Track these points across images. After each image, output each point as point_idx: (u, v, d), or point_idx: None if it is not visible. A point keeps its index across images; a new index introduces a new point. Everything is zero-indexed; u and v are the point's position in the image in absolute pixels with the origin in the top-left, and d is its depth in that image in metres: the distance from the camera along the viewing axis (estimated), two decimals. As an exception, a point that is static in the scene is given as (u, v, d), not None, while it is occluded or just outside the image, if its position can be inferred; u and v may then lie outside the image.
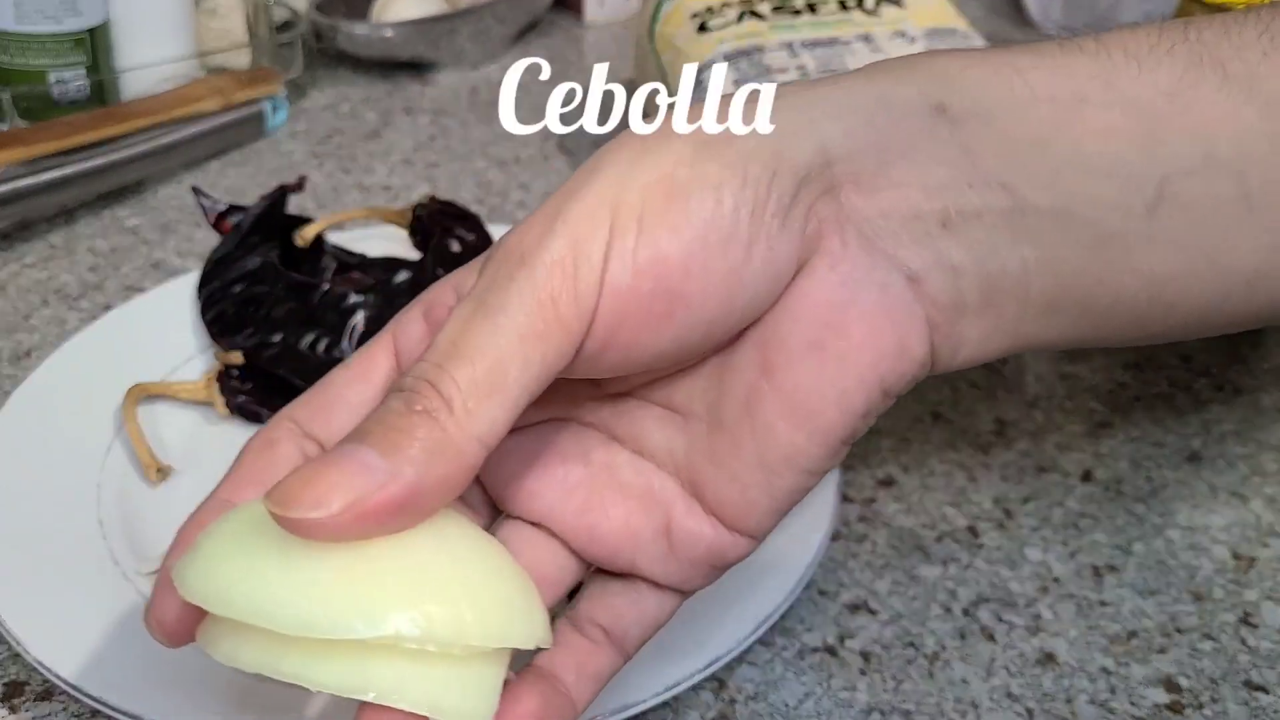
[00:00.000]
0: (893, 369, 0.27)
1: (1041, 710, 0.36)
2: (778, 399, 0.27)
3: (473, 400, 0.23)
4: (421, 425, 0.23)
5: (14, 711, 0.34)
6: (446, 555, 0.25)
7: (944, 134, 0.27)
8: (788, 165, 0.26)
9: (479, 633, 0.24)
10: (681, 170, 0.25)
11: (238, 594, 0.23)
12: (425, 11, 0.78)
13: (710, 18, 0.58)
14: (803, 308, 0.27)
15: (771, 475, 0.28)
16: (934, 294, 0.27)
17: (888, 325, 0.27)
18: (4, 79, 0.63)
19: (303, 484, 0.22)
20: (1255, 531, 0.43)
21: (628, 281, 0.25)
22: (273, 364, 0.45)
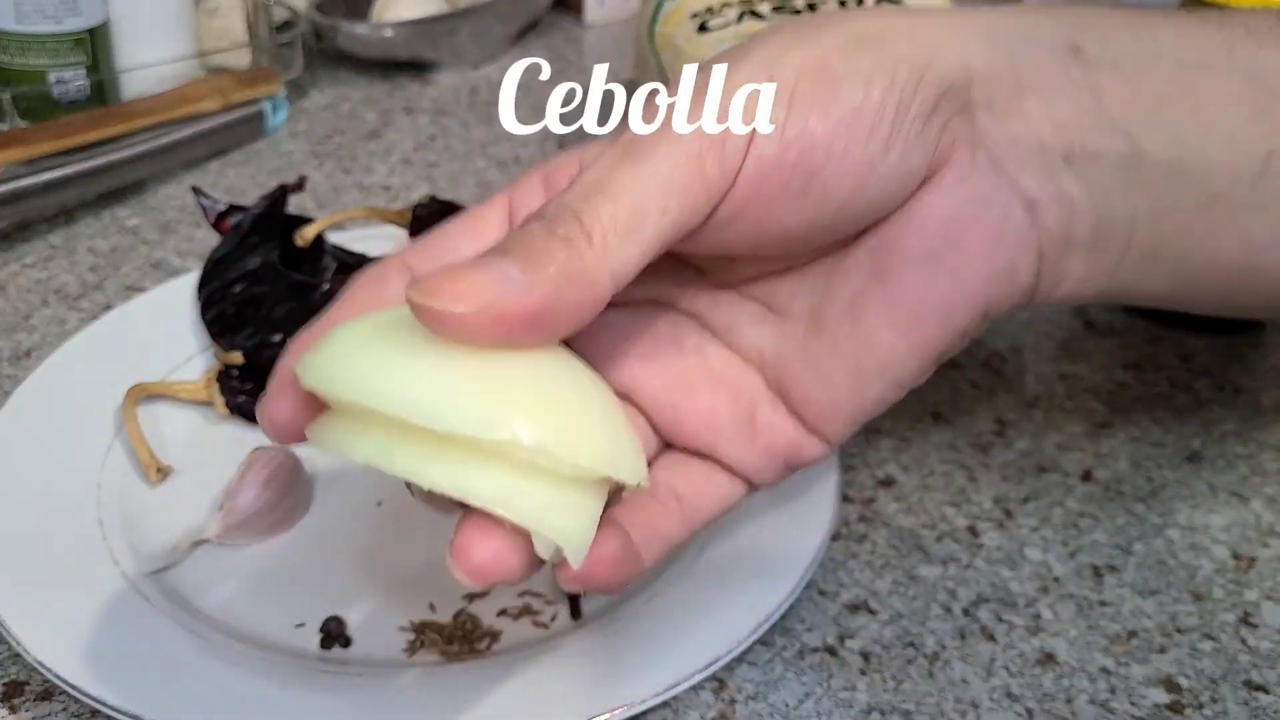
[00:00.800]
0: (998, 291, 0.28)
1: (1041, 710, 0.36)
2: (885, 305, 0.28)
3: (612, 236, 0.24)
4: (561, 249, 0.24)
5: (14, 711, 0.34)
6: (567, 383, 0.25)
7: (1076, 74, 0.28)
8: (933, 75, 0.27)
9: (589, 456, 0.24)
10: (836, 58, 0.26)
11: (364, 380, 0.24)
12: (425, 11, 0.78)
13: (710, 18, 0.58)
14: (924, 218, 0.28)
15: (863, 381, 0.29)
16: (1048, 223, 0.28)
17: (1001, 247, 0.28)
18: (4, 79, 0.63)
19: (446, 278, 0.23)
20: (1255, 531, 0.43)
21: (773, 151, 0.26)
22: (273, 364, 0.45)
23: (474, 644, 0.36)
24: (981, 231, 0.27)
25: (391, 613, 0.37)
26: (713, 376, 0.31)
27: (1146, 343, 0.53)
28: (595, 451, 0.25)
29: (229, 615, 0.37)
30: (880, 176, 0.27)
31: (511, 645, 0.36)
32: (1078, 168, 0.28)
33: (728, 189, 0.26)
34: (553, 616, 0.37)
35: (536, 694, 0.34)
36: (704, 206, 0.25)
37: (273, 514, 0.40)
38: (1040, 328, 0.54)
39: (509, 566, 0.25)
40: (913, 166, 0.27)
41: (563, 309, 0.24)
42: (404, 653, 0.36)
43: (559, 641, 0.36)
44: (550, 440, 0.24)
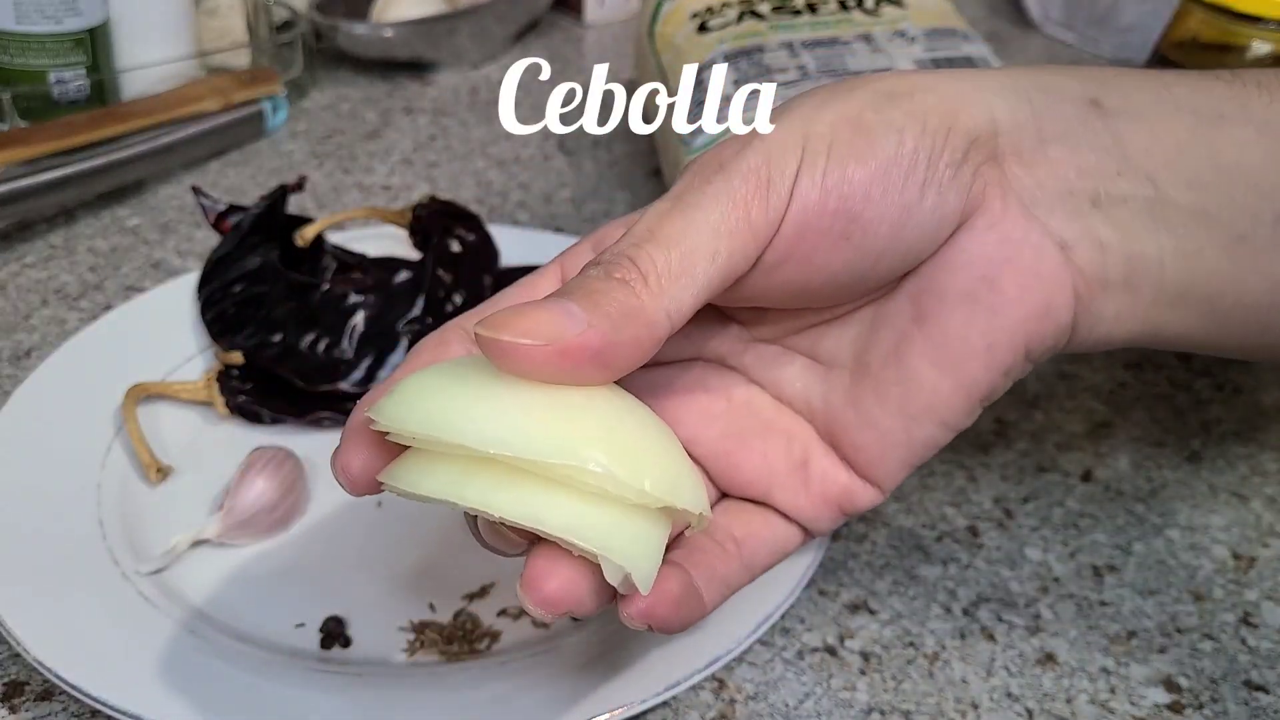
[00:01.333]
0: (1038, 329, 0.29)
1: (1041, 710, 0.36)
2: (927, 346, 0.29)
3: (666, 279, 0.26)
4: (619, 291, 0.25)
5: (14, 711, 0.34)
6: (629, 417, 0.26)
7: (1097, 125, 0.29)
8: (962, 125, 0.28)
9: (653, 483, 0.25)
10: (868, 113, 0.28)
11: (435, 415, 0.25)
12: (425, 11, 0.78)
13: (710, 18, 0.58)
14: (960, 260, 0.29)
15: (911, 424, 0.30)
16: (1081, 264, 0.29)
17: (1038, 286, 0.29)
18: (4, 79, 0.63)
19: (513, 315, 0.25)
20: (1255, 531, 0.43)
21: (815, 197, 0.27)
22: (273, 364, 0.45)
23: (474, 644, 0.36)
24: (1017, 271, 0.29)
25: (391, 613, 0.37)
26: (764, 425, 0.32)
27: (1146, 343, 0.53)
28: (659, 479, 0.25)
29: (229, 615, 0.37)
30: (917, 221, 0.28)
31: (511, 645, 0.36)
32: (1105, 211, 0.29)
33: (774, 234, 0.27)
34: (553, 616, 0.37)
35: (536, 694, 0.34)
36: (752, 251, 0.27)
37: (273, 514, 0.40)
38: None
39: (579, 596, 0.26)
40: (947, 211, 0.28)
41: (622, 346, 0.25)
42: (404, 653, 0.36)
43: (559, 641, 0.36)
44: (617, 466, 0.24)
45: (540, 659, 0.35)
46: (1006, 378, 0.30)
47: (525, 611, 0.25)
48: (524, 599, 0.26)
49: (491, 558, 0.39)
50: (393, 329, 0.46)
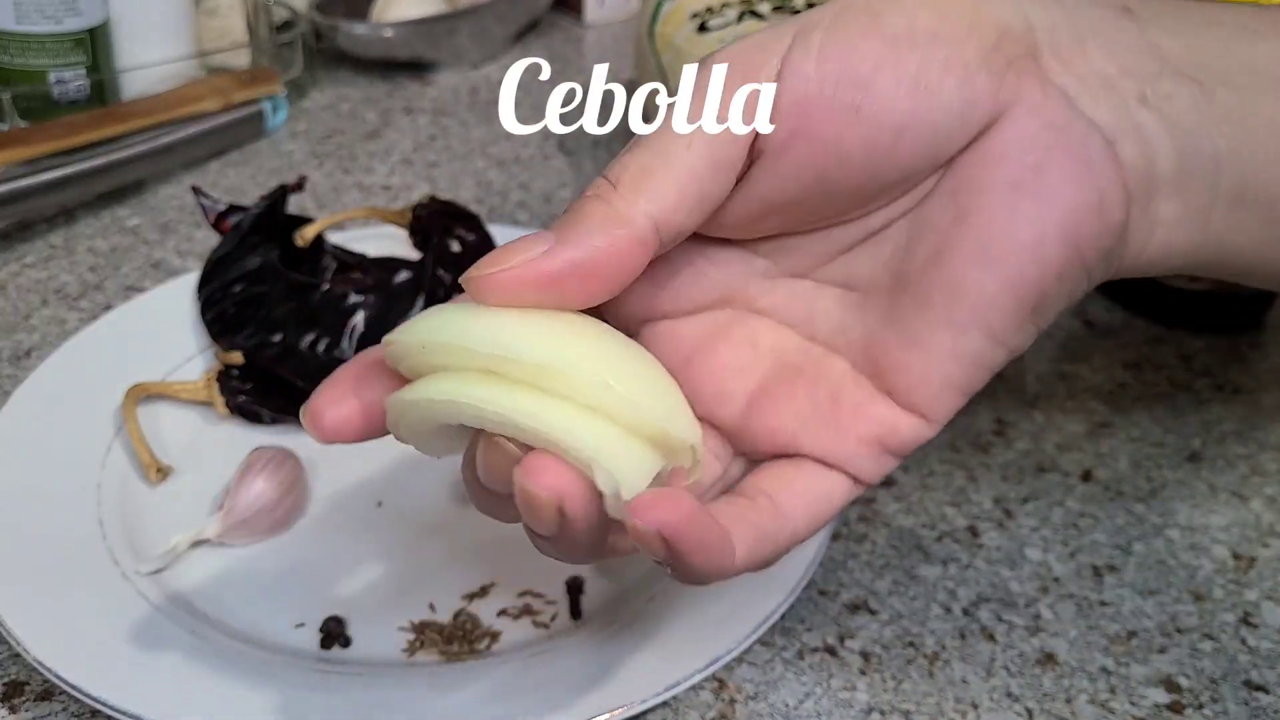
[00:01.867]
0: (1091, 225, 0.26)
1: (1041, 710, 0.36)
2: (970, 243, 0.27)
3: (640, 178, 0.25)
4: (589, 204, 0.25)
5: (14, 711, 0.34)
6: (628, 347, 0.26)
7: (1132, 29, 0.28)
8: (990, 18, 0.26)
9: (649, 408, 0.25)
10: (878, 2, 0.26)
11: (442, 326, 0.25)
12: (425, 11, 0.78)
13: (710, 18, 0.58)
14: (1003, 147, 0.26)
15: (957, 334, 0.27)
16: (1130, 159, 0.27)
17: (1088, 175, 0.26)
18: (4, 79, 0.63)
19: (491, 253, 0.25)
20: (1255, 531, 0.43)
21: (810, 70, 0.25)
22: (273, 364, 0.45)
23: (474, 644, 0.36)
24: (1063, 158, 0.26)
25: (391, 613, 0.37)
26: (793, 372, 0.29)
27: (1146, 343, 0.53)
28: (655, 404, 0.25)
29: (229, 615, 0.37)
30: (941, 102, 0.26)
31: (511, 645, 0.36)
32: (1152, 107, 0.27)
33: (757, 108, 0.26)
34: (553, 616, 0.37)
35: (536, 694, 0.34)
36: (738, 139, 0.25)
37: (273, 514, 0.40)
38: (1040, 328, 0.54)
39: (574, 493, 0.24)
40: (977, 94, 0.26)
41: (601, 252, 0.25)
42: (404, 653, 0.36)
43: (559, 641, 0.36)
44: (615, 384, 0.24)
45: (540, 659, 0.35)
46: (1059, 283, 0.27)
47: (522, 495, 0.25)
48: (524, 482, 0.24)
49: (492, 558, 0.40)
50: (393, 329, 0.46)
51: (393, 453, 0.44)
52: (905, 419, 0.28)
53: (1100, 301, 0.56)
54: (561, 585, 0.39)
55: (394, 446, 0.44)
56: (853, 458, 0.28)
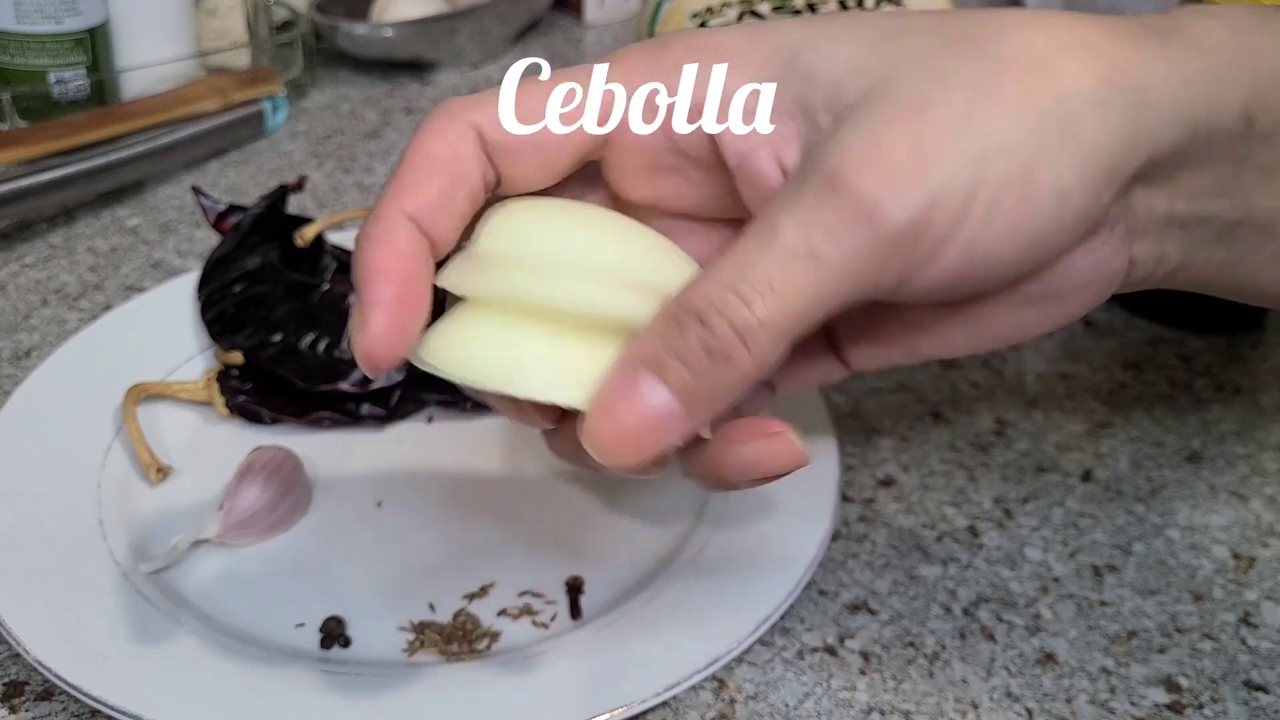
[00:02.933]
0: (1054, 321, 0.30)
1: (1041, 710, 0.36)
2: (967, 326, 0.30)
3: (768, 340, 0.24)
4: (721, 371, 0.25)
5: (14, 711, 0.34)
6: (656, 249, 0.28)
7: (1237, 151, 0.27)
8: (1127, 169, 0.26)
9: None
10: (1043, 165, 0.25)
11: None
12: (425, 11, 0.78)
13: (710, 18, 0.58)
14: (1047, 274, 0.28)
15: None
16: (1135, 278, 0.30)
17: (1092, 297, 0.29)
18: (4, 79, 0.63)
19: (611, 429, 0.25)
20: (1255, 531, 0.43)
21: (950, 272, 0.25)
22: (273, 364, 0.45)
23: (474, 644, 0.36)
24: (1085, 289, 0.29)
25: (391, 613, 0.37)
26: None
27: (1146, 343, 0.53)
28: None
29: (229, 615, 0.37)
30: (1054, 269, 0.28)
31: (511, 645, 0.36)
32: (1186, 231, 0.29)
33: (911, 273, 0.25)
34: (553, 616, 0.37)
35: (536, 694, 0.34)
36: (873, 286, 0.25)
37: (273, 514, 0.40)
38: (1040, 328, 0.54)
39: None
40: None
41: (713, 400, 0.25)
42: (404, 653, 0.36)
43: (559, 641, 0.36)
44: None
45: (540, 659, 0.35)
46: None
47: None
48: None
49: (492, 558, 0.40)
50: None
51: (393, 453, 0.44)
52: None
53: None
54: (561, 585, 0.39)
55: (394, 446, 0.44)
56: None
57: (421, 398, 0.46)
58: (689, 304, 0.25)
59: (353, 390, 0.44)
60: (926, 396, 0.49)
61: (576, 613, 0.38)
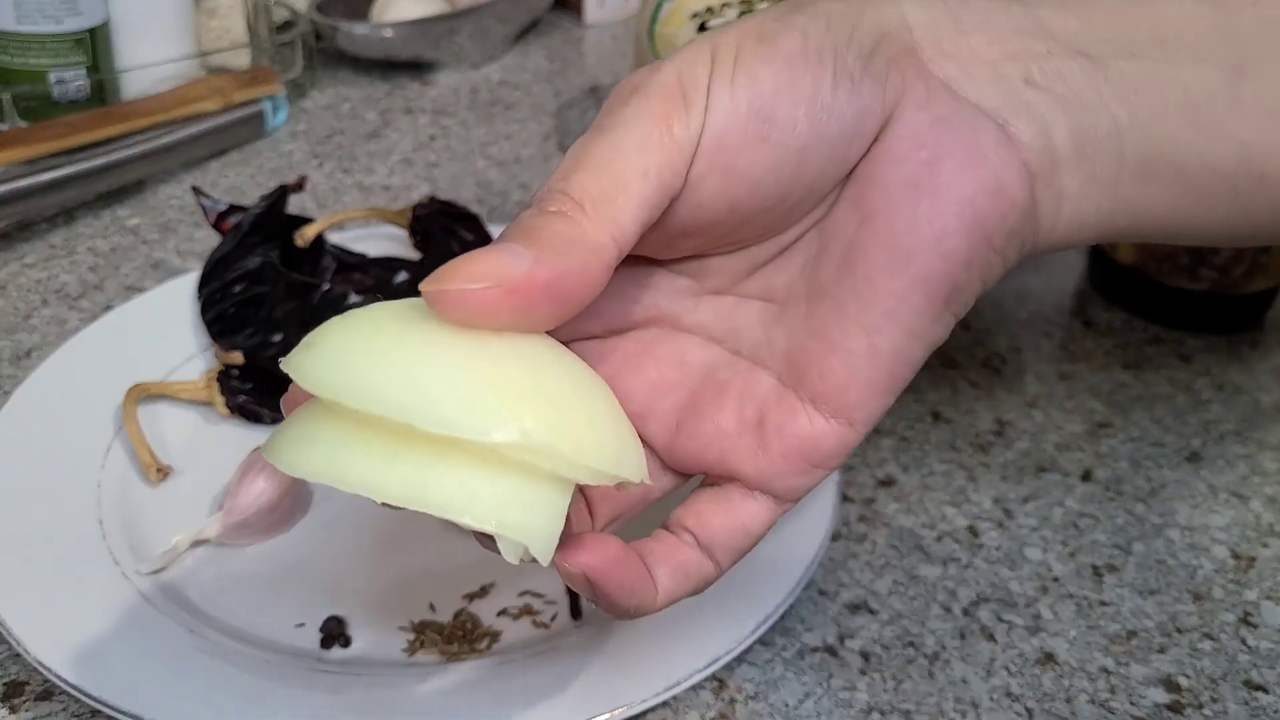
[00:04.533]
0: (992, 209, 0.27)
1: (1041, 710, 0.36)
2: (875, 247, 0.27)
3: (602, 202, 0.25)
4: (558, 222, 0.25)
5: (14, 711, 0.34)
6: (575, 376, 0.25)
7: (1017, 12, 0.28)
8: (868, 20, 0.27)
9: (595, 458, 0.24)
10: (770, 22, 0.27)
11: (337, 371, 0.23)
12: (425, 11, 0.78)
13: (710, 18, 0.58)
14: (895, 148, 0.27)
15: (874, 336, 0.28)
16: (1025, 140, 0.27)
17: (981, 162, 0.27)
18: (4, 79, 0.63)
19: (458, 263, 0.24)
20: (1255, 531, 0.43)
21: (727, 103, 0.26)
22: (273, 364, 0.45)
23: (474, 644, 0.36)
24: (955, 149, 0.27)
25: (391, 613, 0.37)
26: (718, 389, 0.30)
27: (1146, 343, 0.53)
28: (604, 451, 0.24)
29: (229, 615, 0.37)
30: (834, 115, 0.27)
31: (511, 645, 0.36)
32: (1041, 88, 0.28)
33: (696, 144, 0.26)
34: (553, 616, 0.37)
35: (536, 694, 0.34)
36: (679, 164, 0.26)
37: (273, 514, 0.40)
38: (1040, 328, 0.54)
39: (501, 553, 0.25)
40: (865, 103, 0.27)
41: (573, 275, 0.24)
42: (404, 653, 0.36)
43: (559, 641, 0.36)
44: (560, 438, 0.23)
45: (540, 659, 0.35)
46: (969, 271, 0.27)
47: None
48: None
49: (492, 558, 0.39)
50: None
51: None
52: (827, 429, 0.29)
53: (1100, 301, 0.56)
54: (562, 585, 0.39)
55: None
56: (778, 475, 0.29)
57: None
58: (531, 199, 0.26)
59: (353, 390, 0.44)
60: (926, 396, 0.49)
61: (577, 613, 0.38)
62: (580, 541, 0.26)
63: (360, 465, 0.23)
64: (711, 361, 0.30)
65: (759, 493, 0.29)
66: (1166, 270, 0.53)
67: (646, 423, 0.30)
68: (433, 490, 0.23)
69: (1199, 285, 0.53)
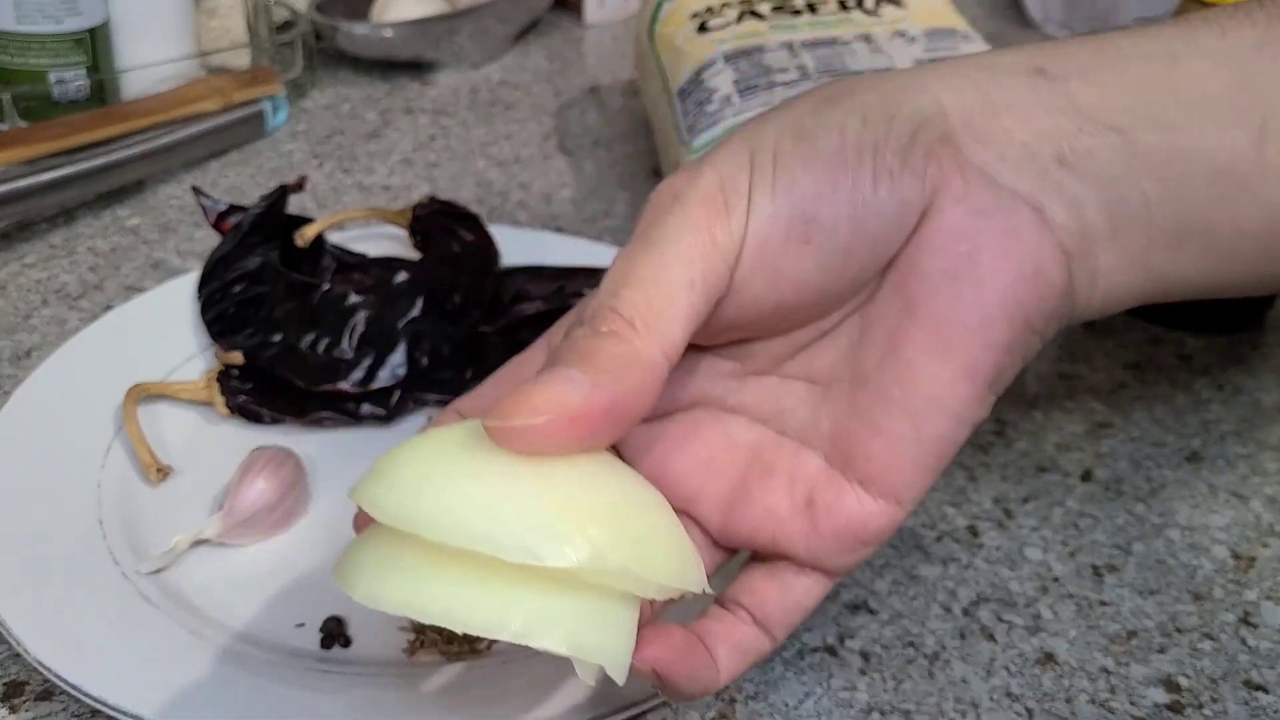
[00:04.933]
0: (1031, 295, 0.28)
1: (1041, 710, 0.36)
2: (919, 334, 0.28)
3: (652, 318, 0.26)
4: (610, 343, 0.25)
5: (14, 711, 0.34)
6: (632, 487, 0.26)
7: (1045, 90, 0.29)
8: (904, 112, 0.28)
9: (663, 574, 0.25)
10: (807, 119, 0.28)
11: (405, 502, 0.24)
12: (425, 11, 0.78)
13: (710, 18, 0.58)
14: (935, 240, 0.28)
15: (918, 421, 0.28)
16: (1060, 221, 0.28)
17: (1020, 249, 0.27)
18: (4, 79, 0.63)
19: (517, 397, 0.25)
20: (1255, 531, 0.43)
21: (769, 208, 0.27)
22: (273, 364, 0.45)
23: (474, 644, 0.36)
24: (994, 240, 0.27)
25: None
26: (766, 470, 0.30)
27: (1146, 343, 0.53)
28: (670, 566, 0.25)
29: (229, 615, 0.37)
30: (875, 211, 0.27)
31: (511, 645, 0.36)
32: (1073, 168, 0.28)
33: (739, 250, 0.27)
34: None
35: (536, 694, 0.34)
36: (724, 270, 0.27)
37: (273, 514, 0.40)
38: (1040, 328, 0.54)
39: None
40: (905, 196, 0.27)
41: (629, 396, 0.25)
42: (404, 653, 0.36)
43: (559, 641, 0.36)
44: (632, 559, 0.24)
45: (540, 659, 0.35)
46: (1011, 354, 0.28)
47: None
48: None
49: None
50: (393, 329, 0.46)
51: (393, 453, 0.44)
52: (876, 509, 0.29)
53: (1100, 301, 0.56)
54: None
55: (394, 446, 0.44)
56: (832, 554, 0.30)
57: (421, 398, 0.46)
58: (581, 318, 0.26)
59: (353, 390, 0.44)
60: (926, 396, 0.49)
61: (576, 613, 0.38)
62: (644, 637, 0.27)
63: (441, 598, 0.24)
64: (759, 441, 0.31)
65: (809, 569, 0.30)
66: (1166, 270, 0.53)
67: (698, 504, 0.30)
68: (513, 619, 0.24)
69: (1199, 285, 0.53)
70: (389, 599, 0.24)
